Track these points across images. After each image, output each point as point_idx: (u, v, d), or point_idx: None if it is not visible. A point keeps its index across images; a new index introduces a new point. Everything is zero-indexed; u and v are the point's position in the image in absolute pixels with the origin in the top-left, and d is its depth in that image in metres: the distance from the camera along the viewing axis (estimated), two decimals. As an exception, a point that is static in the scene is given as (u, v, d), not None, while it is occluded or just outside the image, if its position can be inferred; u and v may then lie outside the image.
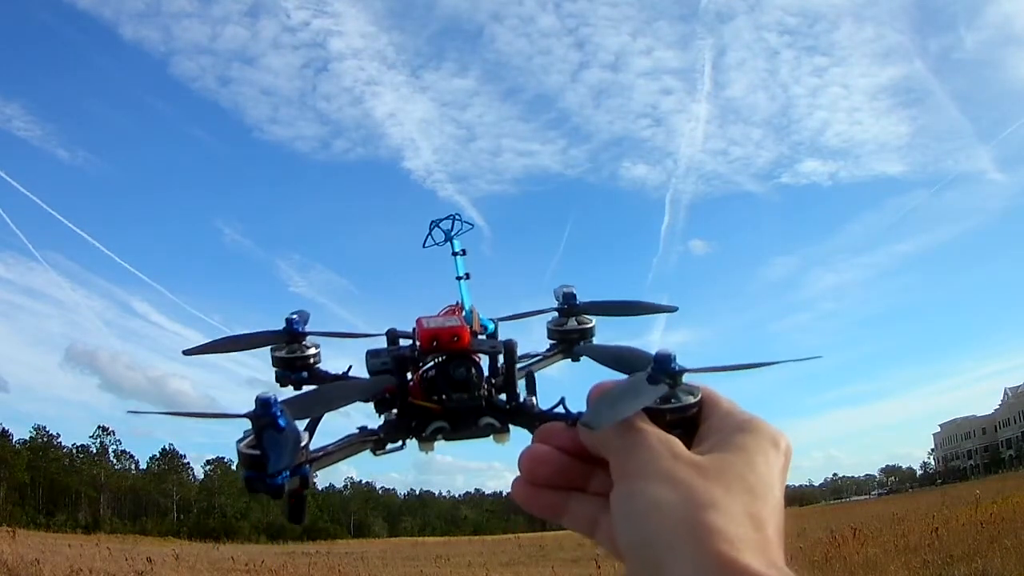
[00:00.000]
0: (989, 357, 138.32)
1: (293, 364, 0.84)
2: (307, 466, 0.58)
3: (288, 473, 0.56)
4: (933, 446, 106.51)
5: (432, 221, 1.06)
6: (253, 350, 0.86)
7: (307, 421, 0.66)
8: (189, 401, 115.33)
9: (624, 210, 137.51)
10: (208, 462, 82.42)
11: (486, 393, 0.68)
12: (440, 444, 0.68)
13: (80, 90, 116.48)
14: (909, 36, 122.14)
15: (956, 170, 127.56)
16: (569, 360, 0.87)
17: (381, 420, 0.68)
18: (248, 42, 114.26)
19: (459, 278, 0.97)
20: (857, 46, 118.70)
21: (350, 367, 0.81)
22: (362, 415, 0.69)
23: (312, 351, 0.85)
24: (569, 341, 0.87)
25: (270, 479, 0.55)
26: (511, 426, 0.68)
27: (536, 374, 0.74)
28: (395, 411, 0.68)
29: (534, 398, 0.69)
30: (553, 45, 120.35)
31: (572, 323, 0.88)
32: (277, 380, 0.85)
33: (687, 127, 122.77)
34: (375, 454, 0.67)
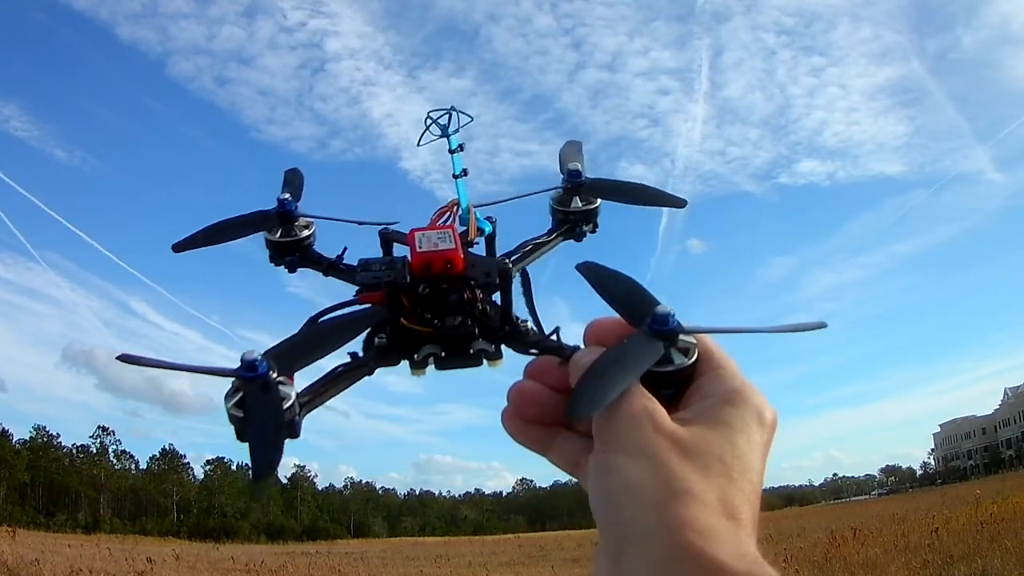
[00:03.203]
0: (989, 357, 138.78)
1: (287, 248, 0.81)
2: (297, 418, 0.56)
3: None
4: (933, 446, 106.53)
5: (428, 114, 0.99)
6: (246, 237, 0.83)
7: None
8: (187, 400, 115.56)
9: (622, 209, 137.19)
10: (208, 462, 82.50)
11: (479, 311, 0.66)
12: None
13: (77, 90, 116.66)
14: (907, 36, 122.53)
15: (954, 170, 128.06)
16: (573, 241, 0.82)
17: (374, 341, 0.66)
18: (245, 42, 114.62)
19: (456, 176, 0.92)
20: (854, 46, 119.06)
21: (345, 249, 0.79)
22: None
23: (305, 233, 0.82)
24: (571, 222, 0.83)
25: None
26: (505, 349, 0.67)
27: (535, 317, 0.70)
28: (384, 336, 0.66)
29: (528, 323, 0.67)
30: (550, 45, 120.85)
31: (576, 202, 0.83)
32: (271, 261, 0.82)
33: (684, 127, 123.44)
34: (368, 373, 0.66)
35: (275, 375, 0.55)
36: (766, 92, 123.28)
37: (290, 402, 0.55)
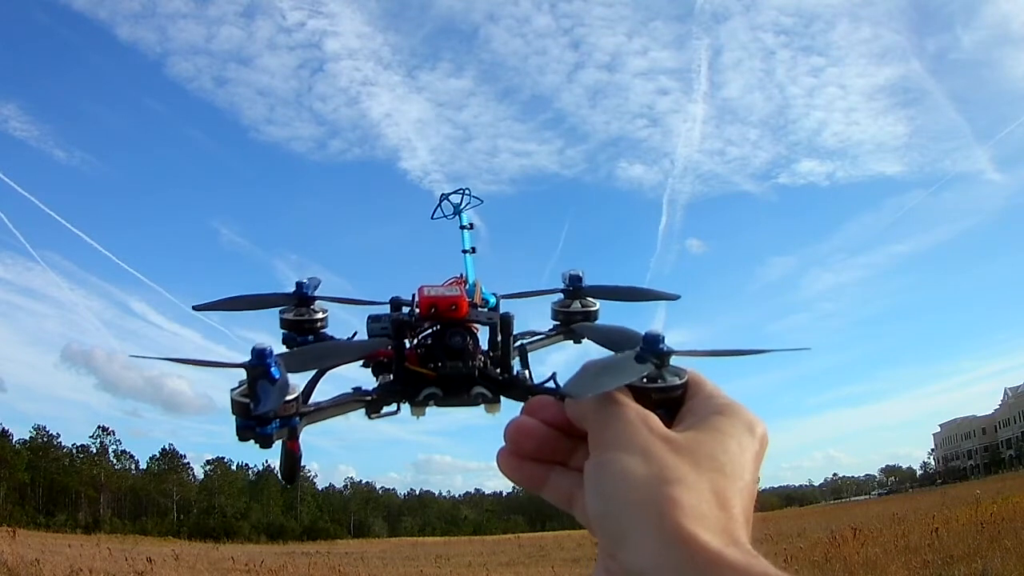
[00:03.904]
0: (989, 357, 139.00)
1: (301, 327, 0.86)
2: (297, 418, 0.60)
3: (278, 423, 0.58)
4: (933, 446, 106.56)
5: (442, 194, 1.07)
6: (262, 310, 0.89)
7: (307, 380, 0.68)
8: (186, 400, 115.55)
9: (621, 210, 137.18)
10: (208, 462, 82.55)
11: (481, 363, 0.70)
12: (433, 410, 0.70)
13: (77, 91, 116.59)
14: (906, 36, 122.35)
15: (954, 170, 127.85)
16: (571, 342, 0.87)
17: (376, 383, 0.70)
18: (244, 43, 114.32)
19: (465, 251, 0.98)
20: (853, 46, 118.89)
21: (355, 333, 0.83)
22: (360, 380, 0.72)
23: (320, 315, 0.87)
24: (572, 323, 0.88)
25: (259, 428, 0.57)
26: (502, 398, 0.70)
27: (538, 354, 0.76)
28: (391, 375, 0.70)
29: (527, 371, 0.72)
30: (549, 45, 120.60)
31: (576, 305, 0.89)
32: (284, 342, 0.86)
33: (684, 127, 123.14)
34: (369, 417, 0.69)
35: (283, 367, 0.58)
36: (765, 92, 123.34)
37: (295, 395, 0.58)
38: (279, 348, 0.61)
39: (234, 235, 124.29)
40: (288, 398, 0.58)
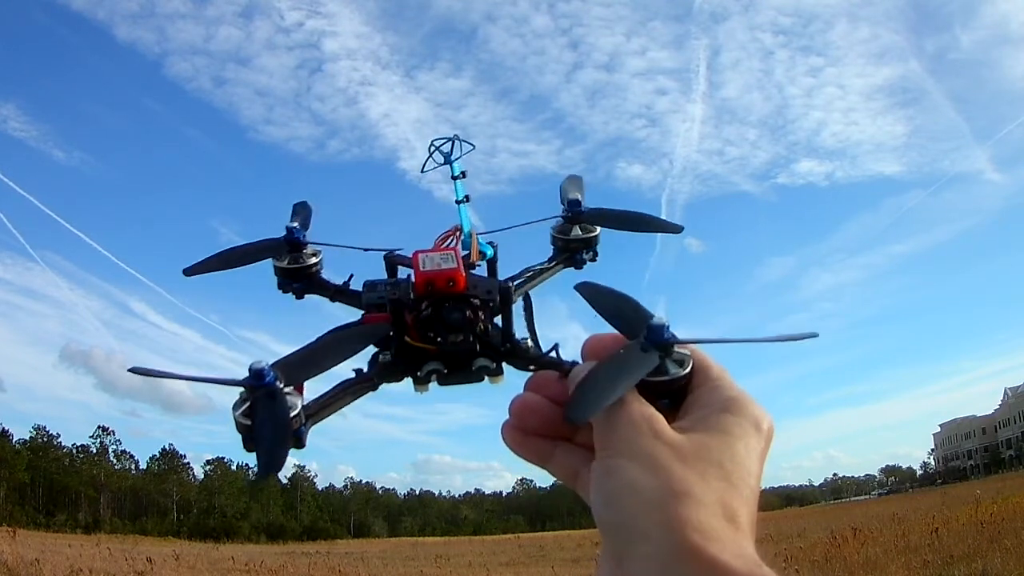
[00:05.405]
0: (989, 357, 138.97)
1: (295, 274, 0.83)
2: (303, 427, 0.58)
3: None
4: (933, 446, 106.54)
5: (431, 143, 1.02)
6: (255, 263, 0.85)
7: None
8: (186, 400, 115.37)
9: (620, 205, 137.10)
10: (208, 462, 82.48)
11: (482, 331, 0.67)
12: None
13: (76, 91, 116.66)
14: (905, 36, 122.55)
15: (953, 170, 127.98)
16: (572, 269, 0.84)
17: (379, 358, 0.68)
18: (242, 43, 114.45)
19: (459, 202, 0.95)
20: (852, 46, 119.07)
21: (351, 276, 0.80)
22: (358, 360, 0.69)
23: (313, 260, 0.83)
24: (572, 250, 0.85)
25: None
26: (505, 367, 0.68)
27: (536, 321, 0.73)
28: (389, 353, 0.68)
29: (528, 341, 0.69)
30: (547, 45, 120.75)
31: (576, 231, 0.85)
32: (279, 288, 0.83)
33: (682, 127, 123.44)
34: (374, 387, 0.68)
35: (282, 384, 0.57)
36: (764, 92, 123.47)
37: (296, 411, 0.57)
38: (276, 354, 0.59)
39: (233, 235, 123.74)
40: (292, 414, 0.56)
